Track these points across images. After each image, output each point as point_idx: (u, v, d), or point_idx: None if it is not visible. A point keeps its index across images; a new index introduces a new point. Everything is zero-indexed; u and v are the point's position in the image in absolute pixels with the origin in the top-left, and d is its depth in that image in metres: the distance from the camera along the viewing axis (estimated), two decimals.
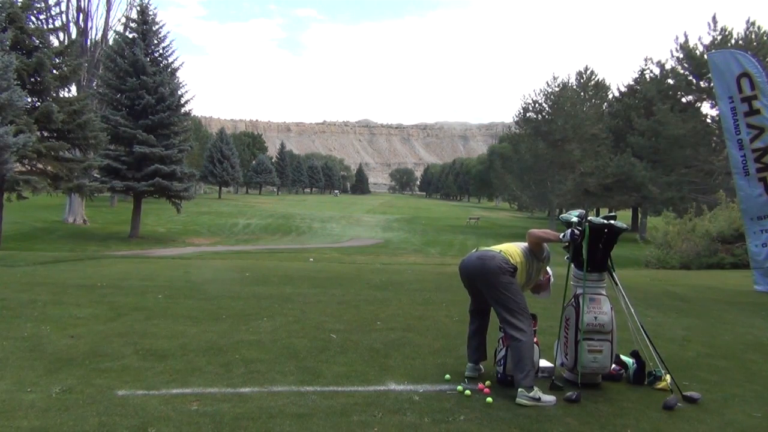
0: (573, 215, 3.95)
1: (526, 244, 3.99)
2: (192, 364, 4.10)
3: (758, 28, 29.71)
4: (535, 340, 3.92)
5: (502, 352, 3.89)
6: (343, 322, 5.69)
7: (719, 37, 29.83)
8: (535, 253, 3.96)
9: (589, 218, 3.94)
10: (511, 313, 3.69)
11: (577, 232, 3.80)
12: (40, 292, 6.86)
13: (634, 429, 3.21)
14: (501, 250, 3.86)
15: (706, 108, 33.19)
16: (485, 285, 3.78)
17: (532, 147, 42.02)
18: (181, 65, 28.69)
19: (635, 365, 4.06)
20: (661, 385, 3.88)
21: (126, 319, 5.55)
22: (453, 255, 24.99)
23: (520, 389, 3.52)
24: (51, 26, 21.99)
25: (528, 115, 43.23)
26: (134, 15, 28.65)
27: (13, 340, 4.62)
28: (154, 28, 27.68)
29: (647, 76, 38.12)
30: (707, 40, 30.61)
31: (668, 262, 16.88)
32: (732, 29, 30.04)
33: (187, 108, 29.08)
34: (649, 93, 33.99)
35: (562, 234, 3.87)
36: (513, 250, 3.91)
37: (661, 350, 4.18)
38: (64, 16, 29.29)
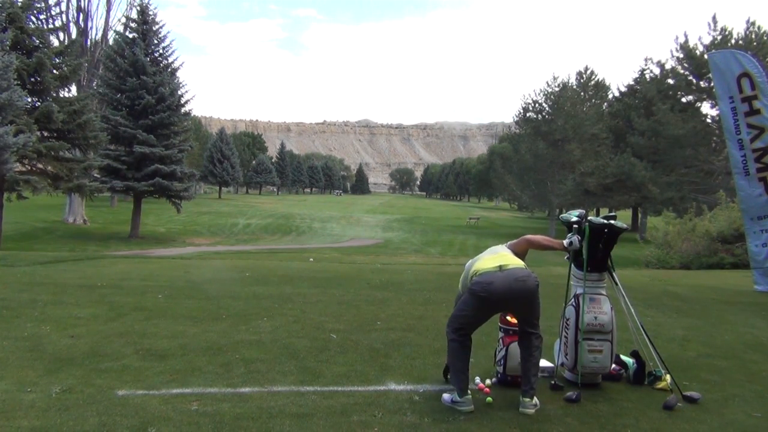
0: (573, 215, 3.95)
1: (512, 247, 3.80)
2: (192, 364, 4.10)
3: (758, 28, 29.69)
4: None
5: (502, 352, 3.89)
6: (343, 322, 5.69)
7: (719, 37, 29.81)
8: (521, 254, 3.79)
9: (589, 218, 3.94)
10: (538, 320, 3.61)
11: (578, 240, 3.82)
12: (40, 292, 6.86)
13: (634, 429, 3.21)
14: (524, 265, 3.61)
15: (706, 108, 33.21)
16: (525, 305, 3.53)
17: (532, 147, 41.98)
18: (181, 65, 28.75)
19: (635, 365, 4.06)
20: (661, 385, 3.88)
21: (126, 319, 5.55)
22: (453, 255, 24.99)
23: (526, 399, 3.39)
24: (51, 26, 21.95)
25: (528, 115, 43.19)
26: (134, 15, 28.68)
27: (13, 340, 4.62)
28: (154, 28, 27.68)
29: (647, 76, 38.07)
30: (707, 40, 30.60)
31: (668, 262, 16.86)
32: (732, 29, 30.04)
33: (187, 108, 29.12)
34: (649, 93, 33.95)
35: (568, 242, 3.84)
36: (522, 256, 3.73)
37: (661, 350, 4.18)
38: (64, 16, 29.31)
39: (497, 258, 3.62)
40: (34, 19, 20.48)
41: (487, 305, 3.50)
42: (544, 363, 4.12)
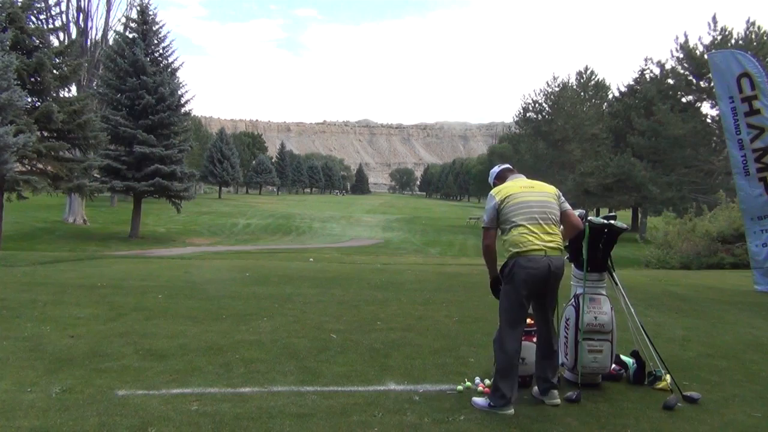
0: None
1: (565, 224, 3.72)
2: (192, 364, 4.10)
3: (758, 28, 29.65)
4: (534, 339, 3.92)
5: None
6: (343, 322, 5.69)
7: (719, 37, 29.78)
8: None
9: (589, 218, 3.94)
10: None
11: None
12: (40, 292, 6.86)
13: (634, 429, 3.21)
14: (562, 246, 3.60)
15: (706, 108, 33.17)
16: (553, 291, 3.61)
17: (532, 147, 41.99)
18: (181, 65, 28.72)
19: (635, 365, 4.06)
20: (661, 385, 3.88)
21: (126, 319, 5.55)
22: (453, 255, 25.00)
23: (554, 391, 3.54)
24: (51, 26, 21.96)
25: (528, 115, 43.20)
26: (134, 15, 28.66)
27: (13, 340, 4.62)
28: (154, 28, 27.65)
29: (647, 76, 38.04)
30: (707, 40, 30.57)
31: (668, 262, 16.85)
32: (732, 29, 29.98)
33: (187, 108, 29.09)
34: (649, 93, 33.93)
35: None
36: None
37: (661, 350, 4.18)
38: (64, 16, 29.32)
39: (544, 233, 3.50)
40: (34, 19, 20.49)
41: (538, 284, 3.46)
42: None
